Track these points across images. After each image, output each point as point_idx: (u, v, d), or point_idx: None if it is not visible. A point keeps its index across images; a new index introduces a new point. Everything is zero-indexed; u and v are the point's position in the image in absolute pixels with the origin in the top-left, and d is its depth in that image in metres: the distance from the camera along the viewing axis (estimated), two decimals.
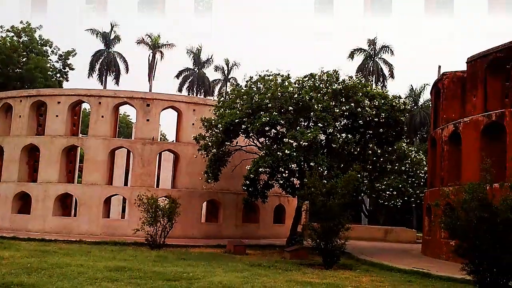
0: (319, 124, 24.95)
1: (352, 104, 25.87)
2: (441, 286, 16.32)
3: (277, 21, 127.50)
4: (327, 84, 26.54)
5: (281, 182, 26.10)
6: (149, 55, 65.08)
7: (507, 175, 17.78)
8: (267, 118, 24.81)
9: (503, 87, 24.20)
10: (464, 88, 25.56)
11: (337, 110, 25.46)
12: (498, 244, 13.86)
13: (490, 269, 13.95)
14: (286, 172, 24.90)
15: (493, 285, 14.01)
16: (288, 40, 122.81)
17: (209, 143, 27.56)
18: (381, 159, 27.77)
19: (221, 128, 26.51)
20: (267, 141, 26.91)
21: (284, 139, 24.82)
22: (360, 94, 26.29)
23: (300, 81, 27.09)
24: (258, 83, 27.02)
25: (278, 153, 24.61)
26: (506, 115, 22.01)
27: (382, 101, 26.61)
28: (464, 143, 24.17)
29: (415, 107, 57.10)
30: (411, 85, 60.25)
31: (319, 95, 25.77)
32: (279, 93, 25.52)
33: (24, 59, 52.24)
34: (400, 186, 34.35)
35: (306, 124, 25.57)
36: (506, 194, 14.32)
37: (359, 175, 25.79)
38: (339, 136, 25.08)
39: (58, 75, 56.82)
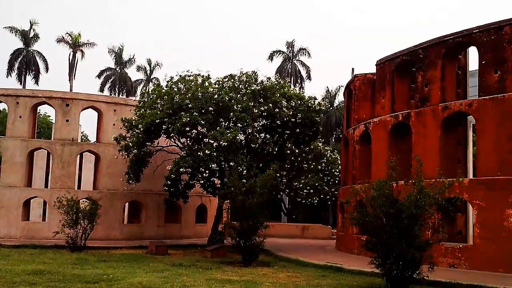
0: (239, 125, 24.92)
1: (270, 105, 25.99)
2: (352, 279, 16.72)
3: (201, 22, 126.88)
4: (246, 85, 26.58)
5: (202, 182, 25.86)
6: (70, 54, 62.74)
7: (412, 172, 18.44)
8: (188, 119, 24.47)
9: (409, 88, 25.11)
10: (374, 89, 26.31)
11: (256, 111, 25.52)
12: (403, 238, 14.24)
13: (396, 262, 14.28)
14: (207, 172, 24.70)
15: (399, 277, 14.39)
16: (211, 40, 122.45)
17: (130, 144, 26.88)
18: (299, 159, 28.16)
19: (141, 129, 25.90)
20: (188, 141, 26.58)
21: (205, 139, 24.58)
22: (278, 95, 26.47)
23: (220, 82, 26.95)
24: (179, 83, 26.59)
25: (199, 153, 24.36)
26: (412, 116, 22.88)
27: (299, 102, 26.96)
28: (373, 142, 24.90)
29: (331, 108, 58.55)
30: (327, 87, 61.97)
31: (238, 95, 25.76)
32: (199, 94, 25.24)
33: None
34: (317, 184, 35.12)
35: (226, 124, 25.45)
36: (410, 191, 14.75)
37: (277, 174, 26.04)
38: (258, 136, 25.15)
39: None
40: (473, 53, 23.18)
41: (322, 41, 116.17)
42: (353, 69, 29.95)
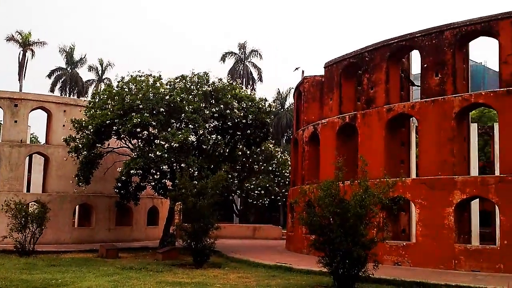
0: (190, 126, 24.67)
1: (222, 106, 25.89)
2: (301, 278, 16.84)
3: (154, 22, 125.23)
4: (198, 86, 26.40)
5: (153, 183, 25.49)
6: (19, 53, 60.57)
7: (358, 172, 18.73)
8: (139, 120, 24.06)
9: (355, 90, 25.48)
10: (322, 91, 26.56)
11: (207, 112, 25.36)
12: (349, 237, 14.38)
13: (343, 260, 14.42)
14: (158, 173, 24.35)
15: (345, 275, 14.54)
16: (163, 40, 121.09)
17: (80, 145, 26.26)
18: (250, 160, 28.10)
19: (91, 130, 25.37)
20: (139, 143, 26.12)
21: (156, 141, 24.23)
22: (229, 96, 26.43)
23: (172, 83, 26.65)
24: (130, 83, 26.09)
25: (150, 154, 23.98)
26: (358, 117, 23.21)
27: (250, 103, 27.01)
28: (322, 143, 25.11)
29: (282, 110, 58.86)
30: (278, 89, 62.27)
31: (190, 96, 25.52)
32: (150, 94, 24.88)
33: None
34: (268, 185, 35.19)
35: (177, 125, 25.15)
36: (356, 190, 14.92)
37: (229, 176, 25.89)
38: (209, 137, 25.00)
39: None
40: (416, 56, 23.76)
41: (275, 43, 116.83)
42: (303, 71, 30.14)
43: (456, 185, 19.44)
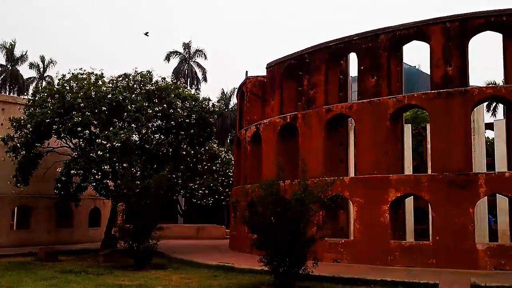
0: (133, 125, 24.06)
1: (165, 105, 25.35)
2: (243, 277, 16.68)
3: (100, 19, 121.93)
4: (141, 85, 25.80)
5: (94, 184, 24.62)
6: None
7: (299, 172, 18.72)
8: (80, 118, 23.19)
9: (296, 91, 25.55)
10: (264, 91, 26.50)
11: (150, 111, 24.78)
12: (289, 235, 14.34)
13: (283, 259, 14.36)
14: (99, 173, 23.52)
15: (286, 273, 14.46)
16: (107, 39, 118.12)
17: (18, 145, 25.07)
18: (194, 160, 27.73)
19: (30, 129, 24.28)
20: (80, 142, 25.16)
21: (97, 140, 23.42)
22: (173, 95, 25.98)
23: (114, 81, 25.86)
24: (71, 81, 25.11)
25: (91, 154, 23.14)
26: (299, 117, 23.26)
27: (193, 103, 26.66)
28: (264, 143, 25.00)
29: (226, 110, 58.58)
30: (223, 89, 61.99)
31: (132, 95, 24.91)
32: (92, 93, 24.03)
33: None
34: (212, 185, 34.77)
35: (119, 124, 24.41)
36: (296, 190, 14.88)
37: (173, 176, 25.38)
38: (152, 137, 24.48)
39: None
40: (354, 59, 24.05)
41: (220, 43, 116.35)
42: (247, 71, 29.99)
43: (391, 184, 19.80)
